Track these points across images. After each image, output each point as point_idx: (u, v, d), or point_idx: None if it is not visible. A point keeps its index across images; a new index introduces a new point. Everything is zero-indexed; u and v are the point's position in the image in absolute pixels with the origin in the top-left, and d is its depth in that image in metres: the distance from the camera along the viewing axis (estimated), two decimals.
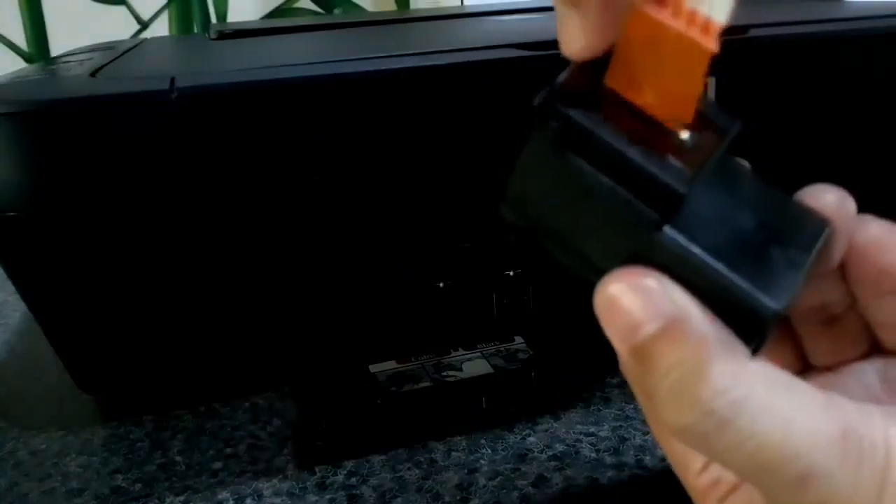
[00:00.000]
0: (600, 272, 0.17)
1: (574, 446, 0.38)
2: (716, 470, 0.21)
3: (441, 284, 0.43)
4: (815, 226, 0.18)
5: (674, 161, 0.16)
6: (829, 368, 0.21)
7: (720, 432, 0.16)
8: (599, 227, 0.17)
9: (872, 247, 0.19)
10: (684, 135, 0.16)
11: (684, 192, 0.16)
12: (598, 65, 0.17)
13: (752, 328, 0.16)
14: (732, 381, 0.16)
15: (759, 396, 0.16)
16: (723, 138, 0.17)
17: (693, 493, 0.21)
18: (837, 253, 0.19)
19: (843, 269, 0.20)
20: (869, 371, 0.21)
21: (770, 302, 0.16)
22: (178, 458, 0.39)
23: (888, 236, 0.19)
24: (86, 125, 0.34)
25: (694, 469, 0.21)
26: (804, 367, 0.22)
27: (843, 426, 0.16)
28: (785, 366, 0.21)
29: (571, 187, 0.17)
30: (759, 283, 0.16)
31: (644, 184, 0.16)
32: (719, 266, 0.16)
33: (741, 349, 0.17)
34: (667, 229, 0.16)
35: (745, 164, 0.19)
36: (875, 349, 0.21)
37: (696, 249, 0.16)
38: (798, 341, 0.22)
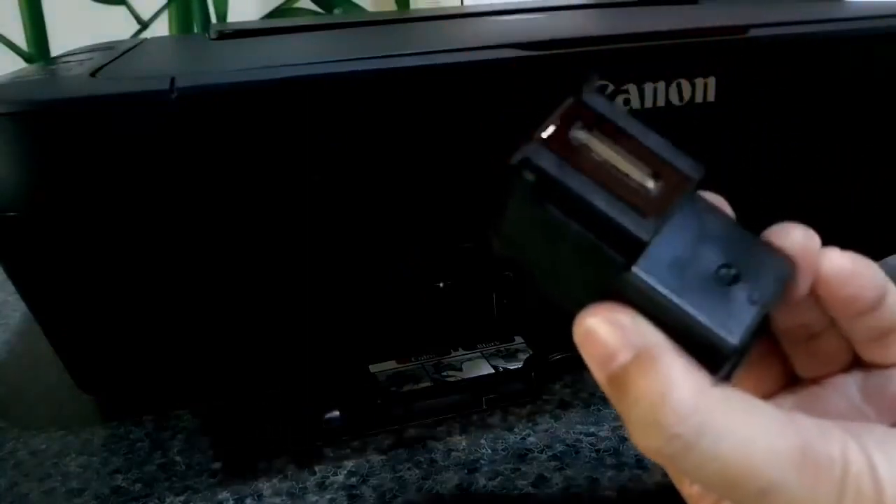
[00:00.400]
0: (579, 305, 0.19)
1: (574, 446, 0.38)
2: None
3: (441, 284, 0.43)
4: (779, 263, 0.19)
5: (639, 209, 0.17)
6: (814, 381, 0.23)
7: (686, 454, 0.17)
8: (575, 268, 0.19)
9: (836, 278, 0.20)
10: (650, 184, 0.18)
11: (647, 239, 0.17)
12: (572, 118, 0.19)
13: (715, 360, 0.18)
14: (694, 408, 0.17)
15: (720, 420, 0.17)
16: (687, 184, 0.18)
17: (689, 501, 0.23)
18: (803, 286, 0.20)
19: (816, 298, 0.21)
20: (850, 383, 0.23)
21: (729, 338, 0.18)
22: (178, 458, 0.39)
23: (851, 267, 0.21)
24: (86, 125, 0.34)
25: (686, 479, 0.23)
26: (792, 380, 0.24)
27: (800, 443, 0.17)
28: (774, 378, 0.24)
29: (548, 232, 0.19)
30: (719, 319, 0.18)
31: (611, 231, 0.17)
32: (683, 304, 0.18)
33: (704, 377, 0.18)
34: (634, 271, 0.18)
35: (719, 199, 0.21)
36: (856, 362, 0.23)
37: (661, 289, 0.18)
38: (785, 355, 0.23)
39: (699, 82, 0.40)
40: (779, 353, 0.23)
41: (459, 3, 1.00)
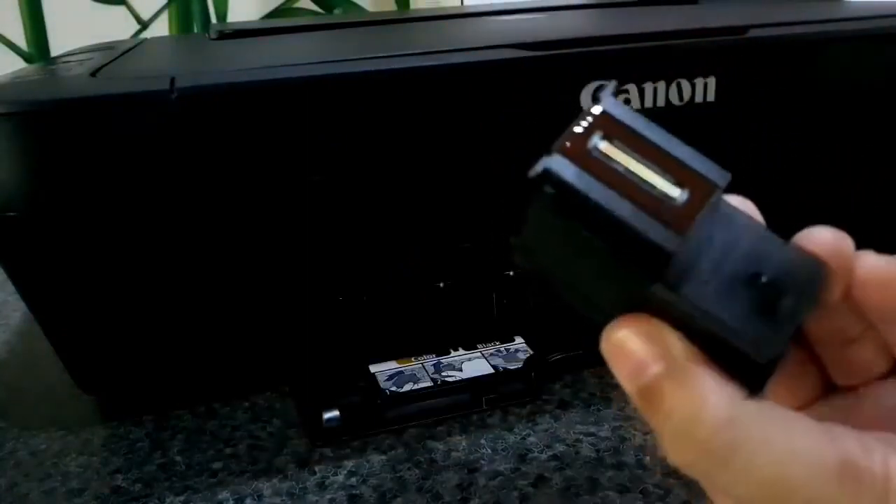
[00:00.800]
0: (606, 316, 0.18)
1: (574, 446, 0.38)
2: None
3: (441, 284, 0.43)
4: (811, 268, 0.18)
5: (664, 220, 0.17)
6: (851, 389, 0.22)
7: (721, 469, 0.17)
8: (600, 280, 0.18)
9: (871, 281, 0.20)
10: (675, 192, 0.17)
11: (674, 250, 0.17)
12: (592, 128, 0.18)
13: (749, 371, 0.17)
14: (728, 421, 0.17)
15: (756, 433, 0.17)
16: (713, 191, 0.18)
17: None
18: (836, 291, 0.20)
19: (852, 302, 0.20)
20: (889, 390, 0.21)
21: (763, 348, 0.17)
22: (178, 458, 0.39)
23: (887, 269, 0.20)
24: (86, 125, 0.34)
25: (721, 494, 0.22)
26: (827, 389, 0.23)
27: (840, 457, 0.17)
28: (809, 387, 0.23)
29: (571, 245, 0.18)
30: (752, 329, 0.17)
31: (636, 244, 0.17)
32: (713, 314, 0.17)
33: (738, 389, 0.18)
34: (661, 283, 0.17)
35: (747, 204, 0.20)
36: (894, 369, 0.22)
37: (690, 300, 0.17)
38: (821, 363, 0.22)
39: (699, 82, 0.40)
40: (814, 361, 0.23)
41: (459, 3, 1.00)
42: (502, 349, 0.44)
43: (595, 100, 0.18)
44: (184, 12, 0.95)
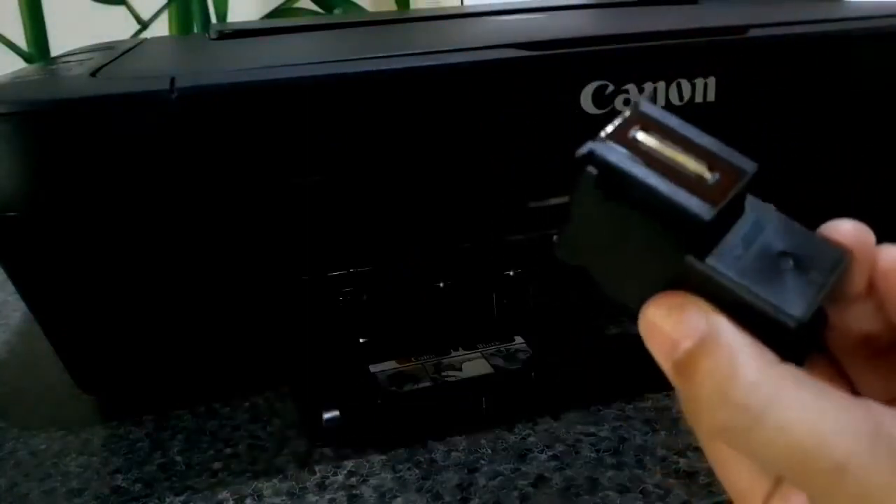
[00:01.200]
0: (643, 302, 0.20)
1: (574, 446, 0.38)
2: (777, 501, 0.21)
3: (441, 284, 0.43)
4: (834, 253, 0.20)
5: (699, 195, 0.18)
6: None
7: (756, 426, 0.17)
8: (639, 260, 0.20)
9: (895, 272, 0.20)
10: (707, 175, 0.19)
11: (709, 219, 0.18)
12: (630, 124, 0.20)
13: (781, 338, 0.18)
14: (763, 379, 0.17)
15: (790, 392, 0.17)
16: (743, 176, 0.19)
17: (737, 499, 0.22)
18: (859, 279, 0.20)
19: (877, 300, 0.21)
20: None
21: (793, 312, 0.18)
22: (178, 458, 0.39)
23: None
24: (86, 125, 0.34)
25: (740, 469, 0.22)
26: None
27: (874, 423, 0.17)
28: None
29: (613, 226, 0.19)
30: (781, 298, 0.18)
31: (673, 215, 0.18)
32: (744, 285, 0.18)
33: (771, 355, 0.18)
34: (695, 256, 0.18)
35: (769, 205, 0.21)
36: None
37: (722, 271, 0.18)
38: (848, 380, 0.22)
39: (699, 82, 0.40)
40: (841, 376, 0.22)
41: (459, 3, 1.00)
42: (502, 349, 0.44)
43: (634, 104, 0.20)
44: (184, 12, 0.95)
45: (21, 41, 0.91)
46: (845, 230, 0.20)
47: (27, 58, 0.92)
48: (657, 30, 0.42)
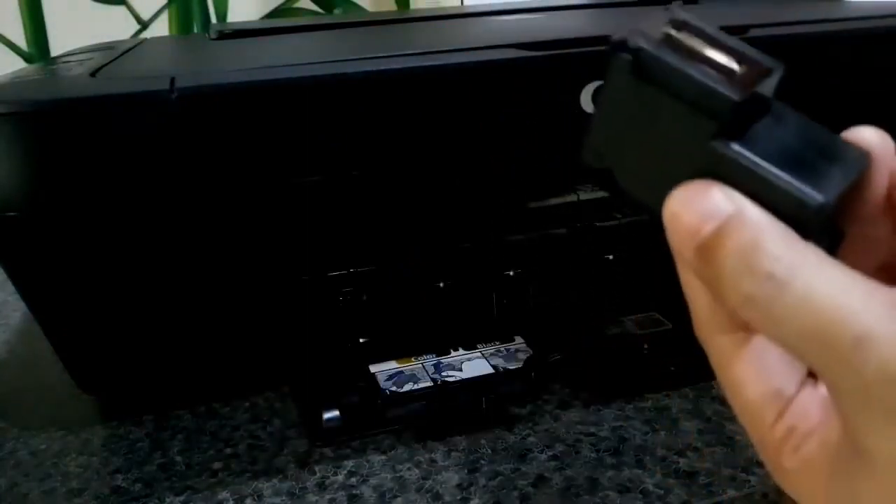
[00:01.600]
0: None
1: (574, 446, 0.38)
2: (790, 418, 0.21)
3: (441, 284, 0.43)
4: (856, 153, 0.20)
5: (728, 82, 0.19)
6: None
7: (780, 295, 0.17)
8: (666, 153, 0.20)
9: None
10: (736, 67, 0.19)
11: (738, 99, 0.18)
12: (663, 22, 0.20)
13: (805, 221, 0.18)
14: (788, 252, 0.18)
15: (814, 266, 0.17)
16: (770, 71, 0.20)
17: (767, 450, 0.21)
18: (878, 182, 0.20)
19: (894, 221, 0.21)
20: None
21: (817, 196, 0.18)
22: (178, 458, 0.39)
23: None
24: (86, 125, 0.34)
25: (768, 421, 0.21)
26: None
27: (894, 298, 0.17)
28: None
29: (642, 115, 0.20)
30: (806, 182, 0.18)
31: (703, 98, 0.19)
32: (770, 168, 0.19)
33: (796, 235, 0.18)
34: (722, 139, 0.19)
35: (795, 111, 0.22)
36: None
37: (749, 155, 0.19)
38: None
39: None
40: None
41: (459, 3, 1.00)
42: (502, 349, 0.44)
43: (666, 8, 0.21)
44: (184, 12, 0.95)
45: (21, 41, 0.91)
46: (868, 135, 0.20)
47: (27, 58, 0.92)
48: None
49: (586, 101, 0.39)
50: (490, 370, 0.42)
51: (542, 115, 0.39)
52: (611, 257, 0.44)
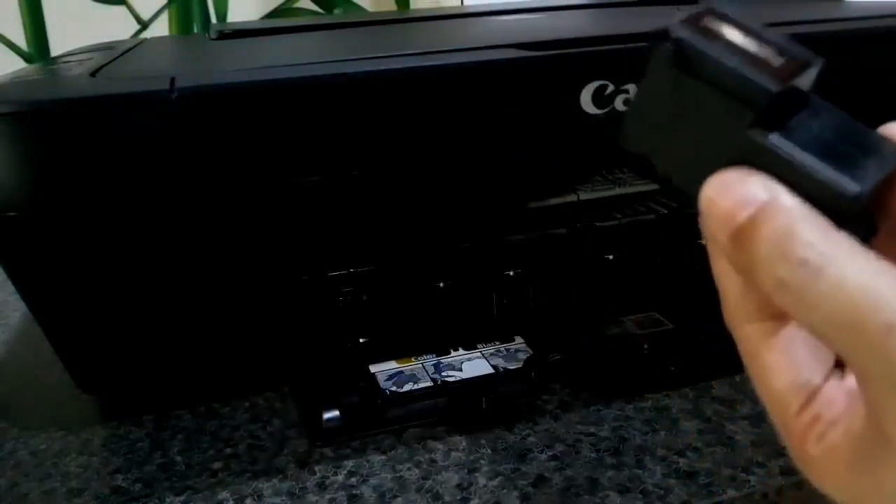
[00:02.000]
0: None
1: (574, 446, 0.38)
2: (816, 406, 0.21)
3: (441, 284, 0.43)
4: (893, 148, 0.20)
5: (767, 73, 0.19)
6: None
7: (813, 282, 0.18)
8: (704, 141, 0.20)
9: None
10: (775, 59, 0.20)
11: (776, 90, 0.19)
12: (703, 15, 0.21)
13: (839, 210, 0.19)
14: (823, 240, 0.18)
15: (848, 254, 0.18)
16: (809, 65, 0.20)
17: (792, 438, 0.21)
18: None
19: None
20: None
21: (853, 185, 0.19)
22: (178, 458, 0.39)
23: None
24: (86, 125, 0.34)
25: (794, 409, 0.21)
26: None
27: None
28: None
29: (681, 104, 0.20)
30: (841, 172, 0.19)
31: (742, 86, 0.19)
32: (806, 158, 0.19)
33: (831, 224, 0.18)
34: (758, 128, 0.19)
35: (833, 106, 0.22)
36: None
37: (785, 145, 0.19)
38: None
39: None
40: None
41: (459, 3, 1.00)
42: (502, 349, 0.44)
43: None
44: (184, 12, 0.95)
45: (21, 41, 0.91)
46: None
47: (27, 58, 0.92)
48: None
49: (586, 101, 0.39)
50: (490, 370, 0.42)
51: (542, 115, 0.39)
52: (611, 257, 0.44)
